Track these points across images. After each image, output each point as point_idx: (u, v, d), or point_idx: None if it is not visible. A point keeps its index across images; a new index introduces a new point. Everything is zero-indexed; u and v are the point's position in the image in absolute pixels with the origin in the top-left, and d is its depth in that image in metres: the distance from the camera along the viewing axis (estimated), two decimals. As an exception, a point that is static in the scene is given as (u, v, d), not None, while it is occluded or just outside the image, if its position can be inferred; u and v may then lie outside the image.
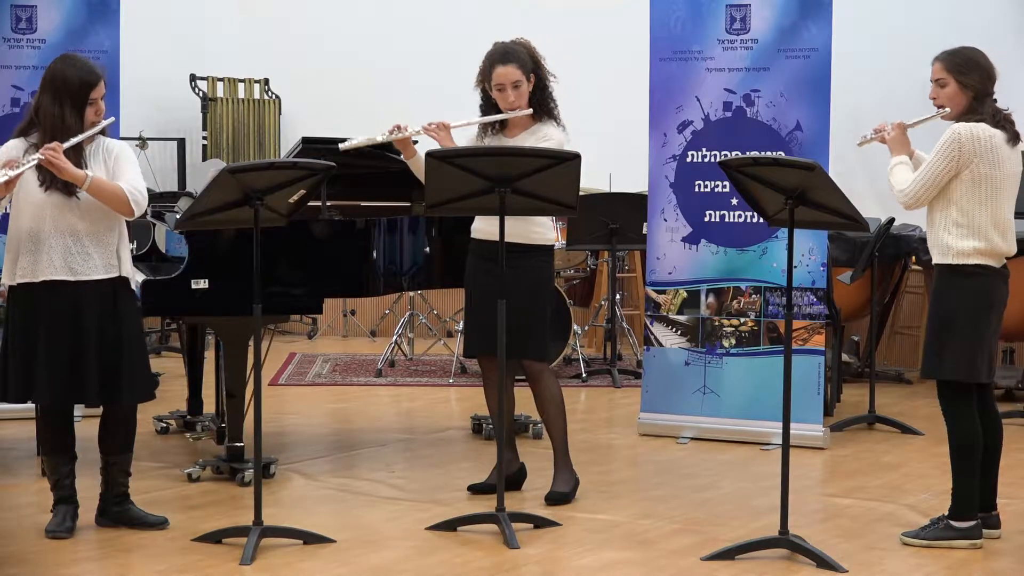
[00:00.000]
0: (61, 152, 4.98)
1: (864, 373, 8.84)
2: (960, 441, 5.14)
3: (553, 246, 5.83)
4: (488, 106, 5.80)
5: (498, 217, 5.31)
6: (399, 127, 5.65)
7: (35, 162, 4.99)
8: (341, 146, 5.75)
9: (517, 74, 5.67)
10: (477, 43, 5.90)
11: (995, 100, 5.14)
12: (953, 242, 5.06)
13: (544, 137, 5.68)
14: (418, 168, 5.68)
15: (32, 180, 5.07)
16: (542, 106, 5.75)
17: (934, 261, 5.15)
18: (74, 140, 5.05)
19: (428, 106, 5.85)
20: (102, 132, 5.22)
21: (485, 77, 5.73)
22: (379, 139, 5.68)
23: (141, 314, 5.48)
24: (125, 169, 5.15)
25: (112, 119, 5.26)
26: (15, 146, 5.14)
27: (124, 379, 5.17)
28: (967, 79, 5.10)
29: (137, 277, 6.01)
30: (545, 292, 5.77)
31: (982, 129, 5.03)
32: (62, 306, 5.09)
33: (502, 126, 5.79)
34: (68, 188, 5.06)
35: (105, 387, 5.14)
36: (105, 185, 5.06)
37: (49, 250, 5.07)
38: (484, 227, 5.74)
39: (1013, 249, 5.13)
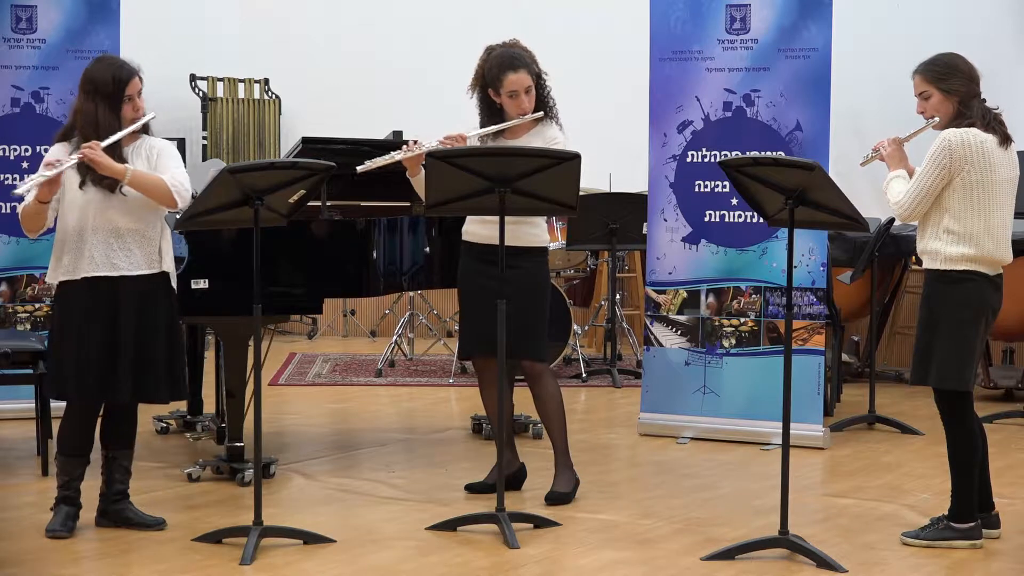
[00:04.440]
0: (99, 148, 5.00)
1: (864, 373, 8.84)
2: (960, 444, 5.13)
3: (547, 247, 5.82)
4: (490, 111, 5.71)
5: (491, 219, 5.30)
6: (416, 143, 5.54)
7: (75, 160, 5.01)
8: (359, 168, 5.62)
9: (528, 79, 5.63)
10: (477, 43, 5.89)
11: (983, 100, 5.12)
12: (943, 248, 5.04)
13: (551, 139, 5.66)
14: (419, 185, 5.59)
15: (73, 180, 5.10)
16: (545, 108, 5.73)
17: (924, 267, 5.14)
18: (113, 138, 5.07)
19: (428, 106, 5.84)
20: (145, 130, 5.23)
21: (493, 84, 5.64)
22: (396, 157, 5.59)
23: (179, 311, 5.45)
24: (167, 165, 5.19)
25: (154, 114, 5.24)
26: (59, 150, 5.17)
27: (162, 376, 5.19)
28: (949, 85, 5.08)
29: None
30: (541, 293, 5.77)
31: (973, 135, 5.00)
32: (101, 301, 5.11)
33: (499, 131, 5.72)
34: (109, 185, 5.07)
35: (139, 384, 5.16)
36: (146, 177, 5.10)
37: (91, 247, 5.10)
38: (476, 230, 5.73)
39: (1008, 257, 5.10)
